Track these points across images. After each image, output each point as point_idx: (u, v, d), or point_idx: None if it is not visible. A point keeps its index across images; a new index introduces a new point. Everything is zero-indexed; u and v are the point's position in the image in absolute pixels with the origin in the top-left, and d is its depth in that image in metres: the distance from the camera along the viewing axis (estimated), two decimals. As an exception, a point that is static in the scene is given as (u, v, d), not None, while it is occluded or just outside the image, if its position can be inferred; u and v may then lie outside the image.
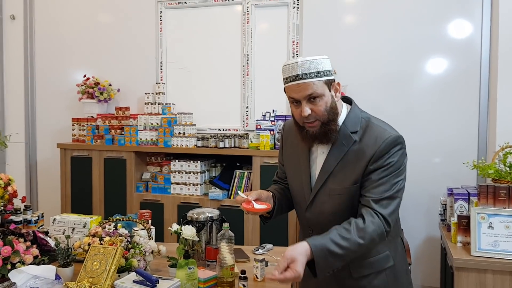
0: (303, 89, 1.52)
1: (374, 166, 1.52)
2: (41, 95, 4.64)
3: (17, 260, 1.90)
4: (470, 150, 3.47)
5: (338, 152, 1.58)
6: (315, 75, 1.51)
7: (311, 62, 1.52)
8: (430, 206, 3.55)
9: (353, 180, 1.55)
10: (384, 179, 1.51)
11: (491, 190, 2.43)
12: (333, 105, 1.56)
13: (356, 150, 1.57)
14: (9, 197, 2.23)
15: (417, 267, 3.64)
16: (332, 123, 1.56)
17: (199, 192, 3.78)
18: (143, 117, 3.99)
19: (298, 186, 1.73)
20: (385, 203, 1.50)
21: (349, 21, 3.76)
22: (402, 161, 1.56)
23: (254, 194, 1.66)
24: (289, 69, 1.54)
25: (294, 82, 1.52)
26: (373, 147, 1.53)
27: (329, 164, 1.60)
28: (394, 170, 1.53)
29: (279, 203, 1.78)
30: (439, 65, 3.57)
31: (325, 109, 1.54)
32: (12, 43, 4.65)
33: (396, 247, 1.69)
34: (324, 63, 1.54)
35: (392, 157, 1.53)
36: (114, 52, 4.36)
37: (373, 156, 1.52)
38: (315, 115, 1.54)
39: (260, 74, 3.97)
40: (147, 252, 2.12)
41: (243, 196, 1.64)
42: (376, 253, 1.63)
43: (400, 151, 1.55)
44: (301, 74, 1.51)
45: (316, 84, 1.52)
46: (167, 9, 4.20)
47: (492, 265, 2.33)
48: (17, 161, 4.66)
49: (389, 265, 1.64)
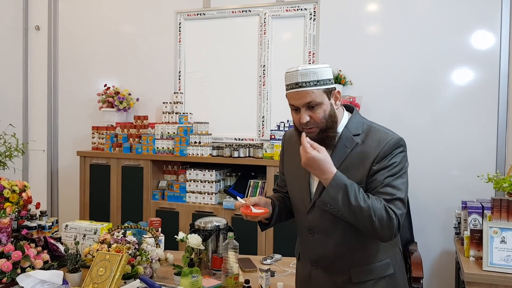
0: (302, 97, 1.55)
1: (378, 166, 1.55)
2: (63, 104, 4.78)
3: (27, 265, 1.96)
4: (488, 163, 3.40)
5: (341, 154, 1.61)
6: (314, 84, 1.54)
7: (311, 71, 1.55)
8: (447, 219, 3.49)
9: (357, 180, 1.56)
10: (389, 179, 1.53)
11: (504, 204, 2.37)
12: (332, 113, 1.59)
13: (359, 152, 1.59)
14: (23, 203, 2.30)
15: (433, 281, 3.57)
16: (331, 130, 1.59)
17: (214, 201, 3.81)
18: (160, 126, 4.06)
19: (297, 189, 1.74)
20: (398, 204, 1.51)
21: (365, 32, 3.75)
22: (404, 163, 1.59)
23: (253, 200, 1.69)
24: (290, 76, 1.57)
25: (294, 90, 1.56)
26: (376, 149, 1.56)
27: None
28: (398, 171, 1.55)
29: (278, 209, 1.80)
30: (458, 76, 3.51)
31: (323, 117, 1.57)
32: (36, 53, 4.81)
33: (395, 255, 1.69)
34: (325, 72, 1.57)
35: (395, 158, 1.55)
36: (134, 62, 4.46)
37: (377, 157, 1.55)
38: (314, 122, 1.57)
39: (276, 85, 3.99)
40: (154, 259, 2.15)
41: (241, 201, 1.67)
42: (377, 260, 1.63)
43: (402, 153, 1.58)
44: (301, 82, 1.54)
45: (315, 92, 1.55)
46: (186, 20, 4.28)
47: (504, 280, 2.27)
48: (39, 168, 4.81)
49: (389, 273, 1.64)
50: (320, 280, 1.68)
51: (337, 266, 1.64)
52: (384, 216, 1.47)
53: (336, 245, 1.62)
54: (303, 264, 1.78)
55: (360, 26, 3.76)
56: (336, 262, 1.63)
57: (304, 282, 1.75)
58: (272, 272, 2.33)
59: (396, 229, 1.50)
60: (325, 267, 1.67)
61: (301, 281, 1.78)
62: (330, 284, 1.66)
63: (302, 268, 1.78)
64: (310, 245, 1.70)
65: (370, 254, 1.63)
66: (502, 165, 3.36)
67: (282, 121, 3.78)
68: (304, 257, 1.76)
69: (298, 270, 1.84)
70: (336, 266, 1.64)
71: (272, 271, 2.34)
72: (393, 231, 1.50)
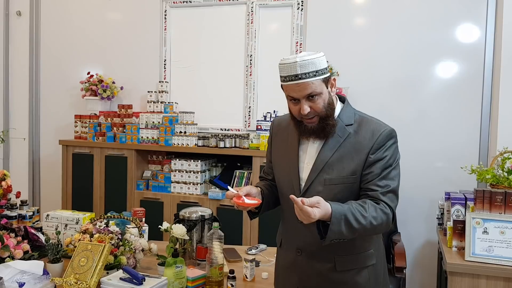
0: (303, 88, 1.55)
1: (373, 157, 1.57)
2: (45, 92, 4.68)
3: (6, 255, 1.93)
4: (472, 155, 3.44)
5: (334, 143, 1.62)
6: (313, 75, 1.54)
7: (310, 62, 1.54)
8: (430, 211, 3.52)
9: (351, 170, 1.58)
10: (385, 171, 1.57)
11: (487, 195, 2.40)
12: (330, 101, 1.62)
13: (352, 142, 1.61)
14: (3, 192, 2.25)
15: (415, 271, 3.61)
16: (330, 118, 1.61)
17: (199, 192, 3.79)
18: (145, 115, 4.01)
19: (286, 175, 1.73)
20: (391, 197, 1.57)
21: (353, 24, 3.74)
22: (397, 155, 1.63)
23: (245, 189, 1.67)
24: (288, 68, 1.56)
25: (293, 82, 1.55)
26: (370, 140, 1.59)
27: (324, 155, 1.62)
28: (392, 163, 1.60)
29: (266, 199, 1.79)
30: (443, 69, 3.53)
31: (323, 106, 1.58)
32: (17, 40, 4.70)
33: (379, 246, 1.72)
34: (321, 61, 1.58)
35: (388, 150, 1.60)
36: (118, 50, 4.39)
37: (372, 148, 1.58)
38: (314, 112, 1.59)
39: (263, 75, 3.97)
40: (137, 249, 2.13)
41: (233, 191, 1.64)
42: (362, 250, 1.65)
43: (394, 144, 1.63)
44: (300, 74, 1.53)
45: (315, 83, 1.55)
46: (171, 7, 4.21)
47: (485, 270, 2.30)
48: (20, 157, 4.71)
49: (371, 263, 1.67)
50: (304, 267, 1.69)
51: (323, 253, 1.64)
52: (383, 218, 1.53)
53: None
54: (286, 251, 1.78)
55: (348, 18, 3.75)
56: (322, 249, 1.63)
57: (288, 269, 1.75)
58: (257, 262, 2.32)
59: (391, 221, 1.56)
60: (310, 254, 1.67)
61: (285, 268, 1.77)
62: (314, 271, 1.67)
63: (285, 255, 1.78)
64: (297, 232, 1.69)
65: (356, 243, 1.64)
66: (485, 157, 3.40)
67: (269, 111, 3.76)
68: (288, 244, 1.76)
69: (280, 257, 1.84)
70: (322, 254, 1.64)
71: (257, 261, 2.33)
72: (390, 225, 1.57)
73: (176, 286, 1.92)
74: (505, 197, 2.37)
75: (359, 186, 1.60)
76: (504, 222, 2.33)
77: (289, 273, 1.75)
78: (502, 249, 2.31)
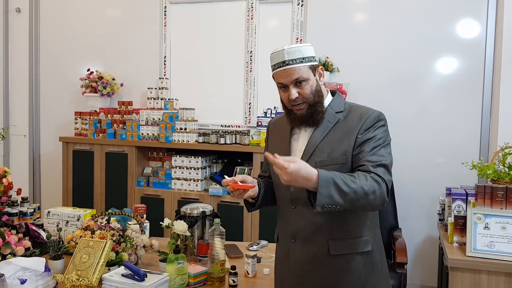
0: (290, 74, 1.63)
1: (362, 137, 1.61)
2: (45, 89, 4.67)
3: (8, 252, 1.92)
4: (473, 150, 3.44)
5: (324, 128, 1.67)
6: (300, 61, 1.63)
7: (297, 49, 1.63)
8: (431, 206, 3.52)
9: (342, 151, 1.62)
10: (375, 149, 1.59)
11: (488, 190, 2.39)
12: (318, 88, 1.68)
13: (342, 126, 1.66)
14: (4, 189, 2.25)
15: (417, 266, 3.62)
16: (318, 105, 1.67)
17: (200, 188, 3.79)
18: (145, 112, 4.00)
19: None
20: (382, 170, 1.55)
21: (353, 20, 3.73)
22: (387, 137, 1.65)
23: (240, 176, 1.71)
24: (277, 56, 1.65)
25: (281, 68, 1.64)
26: (359, 122, 1.64)
27: (315, 139, 1.67)
28: (382, 143, 1.61)
29: (264, 190, 1.81)
30: (444, 65, 3.53)
31: (310, 92, 1.65)
32: (17, 36, 4.69)
33: (375, 235, 1.72)
34: (308, 50, 1.66)
35: (378, 130, 1.62)
36: (118, 46, 4.38)
37: (360, 129, 1.62)
38: (302, 98, 1.65)
39: (263, 71, 3.96)
40: (139, 246, 2.13)
41: (229, 179, 1.68)
42: (357, 236, 1.66)
43: (383, 127, 1.65)
44: (288, 60, 1.62)
45: (302, 69, 1.63)
46: (171, 4, 4.20)
47: (487, 265, 2.30)
48: (20, 154, 4.71)
49: (366, 250, 1.66)
50: (297, 253, 1.70)
51: (316, 238, 1.65)
52: (375, 186, 1.50)
53: (317, 216, 1.63)
54: (282, 243, 1.80)
55: (348, 14, 3.74)
56: (316, 233, 1.65)
57: (283, 261, 1.76)
58: (258, 258, 2.32)
59: (386, 194, 1.53)
60: (304, 239, 1.68)
61: (281, 259, 1.78)
62: (308, 256, 1.68)
63: (281, 246, 1.80)
64: (292, 218, 1.71)
65: (350, 228, 1.65)
66: (485, 153, 3.40)
67: (269, 107, 3.75)
68: (283, 234, 1.77)
69: (277, 251, 1.85)
70: (315, 238, 1.66)
71: (258, 257, 2.33)
72: (384, 197, 1.53)
73: (178, 282, 1.92)
74: (506, 193, 2.36)
75: (352, 168, 1.61)
76: (505, 217, 2.33)
77: (284, 263, 1.76)
78: (503, 245, 2.31)
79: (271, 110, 3.72)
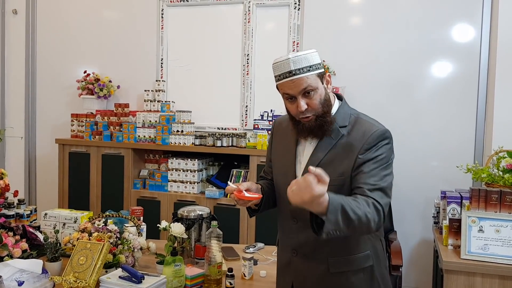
0: (298, 84, 1.54)
1: (363, 157, 1.54)
2: (41, 90, 4.67)
3: (5, 254, 1.92)
4: (467, 154, 3.46)
5: (326, 144, 1.60)
6: (307, 70, 1.54)
7: (303, 57, 1.54)
8: (426, 209, 3.54)
9: (341, 172, 1.56)
10: (374, 171, 1.52)
11: (482, 193, 2.42)
12: (326, 97, 1.60)
13: (344, 143, 1.59)
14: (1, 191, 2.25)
15: (411, 269, 3.64)
16: (327, 115, 1.59)
17: (196, 190, 3.79)
18: (142, 114, 4.01)
19: (282, 176, 1.72)
20: (379, 194, 1.49)
21: (350, 23, 3.76)
22: (390, 155, 1.58)
23: (245, 184, 1.66)
24: (281, 66, 1.55)
25: (288, 79, 1.54)
26: (361, 140, 1.56)
27: (316, 157, 1.61)
28: (383, 164, 1.54)
29: (267, 196, 1.78)
30: (439, 69, 3.55)
31: (319, 102, 1.57)
32: (13, 38, 4.68)
33: (376, 248, 1.69)
34: (314, 57, 1.57)
35: (380, 150, 1.55)
36: (115, 48, 4.38)
37: (361, 148, 1.55)
38: (311, 110, 1.56)
39: (260, 74, 3.97)
40: (136, 248, 2.13)
41: (233, 186, 1.63)
42: (357, 252, 1.63)
43: (387, 145, 1.58)
44: (294, 70, 1.53)
45: (310, 78, 1.54)
46: (168, 6, 4.21)
47: (481, 268, 2.32)
48: (16, 156, 4.70)
49: (368, 265, 1.64)
50: (299, 267, 1.69)
51: (317, 254, 1.64)
52: (376, 214, 1.45)
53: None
54: (282, 251, 1.79)
55: (344, 17, 3.76)
56: (316, 250, 1.63)
57: (285, 268, 1.76)
58: (255, 260, 2.33)
59: (383, 221, 1.49)
60: (305, 254, 1.67)
61: (282, 267, 1.78)
62: (308, 272, 1.66)
63: (282, 254, 1.79)
64: (293, 233, 1.69)
65: (350, 245, 1.62)
66: (480, 156, 3.43)
67: (266, 110, 3.77)
68: (284, 245, 1.76)
69: (278, 256, 1.85)
70: (316, 255, 1.64)
71: (255, 259, 2.34)
72: (381, 224, 1.50)
73: (175, 284, 1.93)
74: (500, 196, 2.39)
75: (350, 188, 1.56)
76: (499, 220, 2.36)
77: (285, 272, 1.76)
78: (498, 247, 2.33)
79: (267, 113, 3.74)
